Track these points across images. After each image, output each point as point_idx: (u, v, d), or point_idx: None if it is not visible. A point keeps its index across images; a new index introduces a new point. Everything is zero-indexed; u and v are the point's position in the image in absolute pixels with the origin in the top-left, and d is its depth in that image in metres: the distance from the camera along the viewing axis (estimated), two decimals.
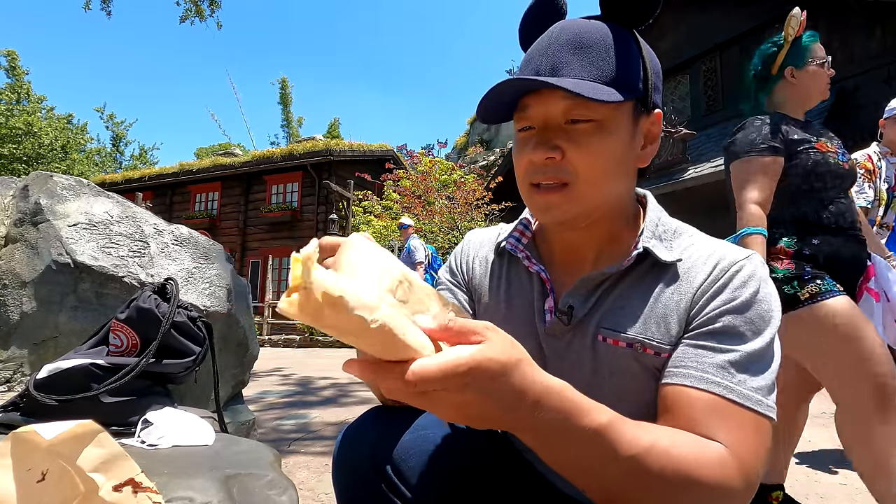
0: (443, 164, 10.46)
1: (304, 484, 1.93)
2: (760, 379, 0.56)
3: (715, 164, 5.74)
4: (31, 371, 1.26)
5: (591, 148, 0.60)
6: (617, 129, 0.61)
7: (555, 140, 0.60)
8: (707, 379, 0.55)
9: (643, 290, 0.63)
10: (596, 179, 0.62)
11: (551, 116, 0.61)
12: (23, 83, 20.00)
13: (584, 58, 0.60)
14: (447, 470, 0.66)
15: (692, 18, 6.83)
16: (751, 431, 0.53)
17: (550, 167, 0.61)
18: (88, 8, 8.11)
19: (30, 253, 1.35)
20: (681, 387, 0.56)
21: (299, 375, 5.25)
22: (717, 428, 0.52)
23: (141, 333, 0.96)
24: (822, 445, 2.54)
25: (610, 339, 0.63)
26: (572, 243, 0.70)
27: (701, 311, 0.60)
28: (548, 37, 0.63)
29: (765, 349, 0.57)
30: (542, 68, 0.61)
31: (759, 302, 0.59)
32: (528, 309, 0.70)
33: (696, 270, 0.62)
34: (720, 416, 0.53)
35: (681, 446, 0.49)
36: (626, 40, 0.62)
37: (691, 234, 0.68)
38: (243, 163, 15.75)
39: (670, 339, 0.60)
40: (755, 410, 0.54)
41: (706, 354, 0.57)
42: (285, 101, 26.06)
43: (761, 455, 0.53)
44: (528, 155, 0.63)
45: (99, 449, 0.45)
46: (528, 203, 0.68)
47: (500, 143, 17.64)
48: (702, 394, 0.55)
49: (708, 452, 0.50)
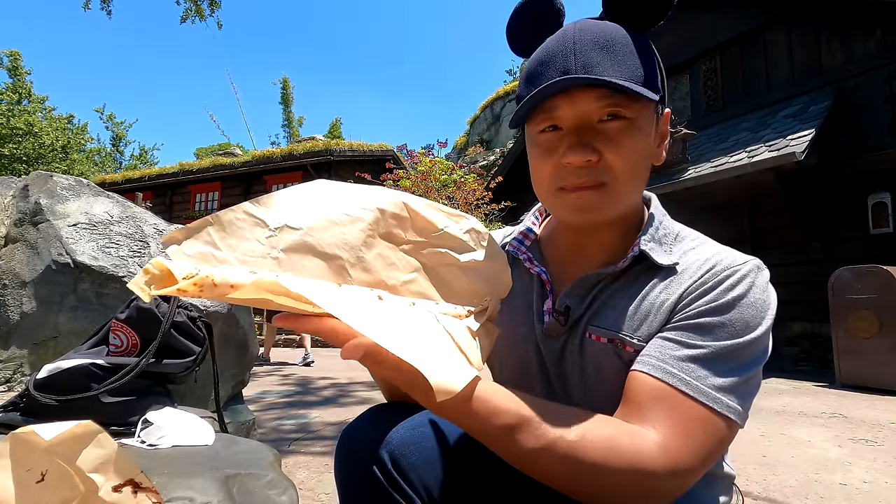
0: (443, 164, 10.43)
1: (304, 484, 1.93)
2: (726, 378, 0.55)
3: (715, 164, 5.73)
4: (31, 371, 1.26)
5: (626, 147, 0.60)
6: (646, 127, 0.61)
7: (591, 142, 0.59)
8: (664, 369, 0.56)
9: (633, 290, 0.63)
10: (630, 179, 0.61)
11: (585, 117, 0.60)
12: (24, 83, 19.99)
13: (613, 57, 0.59)
14: (449, 465, 0.66)
15: (692, 18, 6.82)
16: (696, 426, 0.53)
17: (586, 170, 0.60)
18: (88, 7, 8.11)
19: (30, 253, 1.35)
20: (639, 373, 0.57)
21: (299, 375, 5.24)
22: (658, 417, 0.53)
23: (141, 333, 0.96)
24: (822, 445, 2.54)
25: (594, 336, 0.64)
26: (581, 244, 0.70)
27: (683, 309, 0.60)
28: (565, 37, 0.61)
29: (738, 350, 0.57)
30: (572, 68, 0.58)
31: (744, 306, 0.58)
32: (527, 310, 0.70)
33: (689, 273, 0.62)
34: (665, 406, 0.54)
35: (592, 438, 0.51)
36: (642, 41, 0.62)
37: (694, 239, 0.68)
38: (243, 163, 15.74)
39: (649, 336, 0.60)
40: (709, 407, 0.54)
41: (671, 346, 0.57)
42: (286, 100, 26.01)
43: (701, 452, 0.53)
44: (559, 157, 0.61)
45: (98, 449, 0.45)
46: (556, 206, 0.65)
47: (500, 143, 17.63)
48: (655, 381, 0.55)
49: (631, 438, 0.52)
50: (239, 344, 1.61)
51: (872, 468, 2.18)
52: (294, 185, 0.52)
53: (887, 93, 5.29)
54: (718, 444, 0.54)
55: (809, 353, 5.81)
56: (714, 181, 5.61)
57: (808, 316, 5.72)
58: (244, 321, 1.63)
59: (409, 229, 0.54)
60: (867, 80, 5.47)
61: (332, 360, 6.81)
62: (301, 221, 0.49)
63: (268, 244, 0.48)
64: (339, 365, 6.10)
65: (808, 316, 5.72)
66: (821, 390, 4.25)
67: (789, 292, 5.56)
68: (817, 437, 2.69)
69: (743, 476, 2.07)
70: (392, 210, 0.54)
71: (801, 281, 5.67)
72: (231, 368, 1.58)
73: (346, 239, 0.50)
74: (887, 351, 4.07)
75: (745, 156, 5.46)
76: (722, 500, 0.68)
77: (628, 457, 0.51)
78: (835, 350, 4.46)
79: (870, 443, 2.58)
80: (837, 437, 2.70)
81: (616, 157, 0.59)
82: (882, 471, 2.15)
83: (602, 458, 0.50)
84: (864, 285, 4.27)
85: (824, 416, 3.19)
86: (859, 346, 4.26)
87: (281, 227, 0.48)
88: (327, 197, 0.52)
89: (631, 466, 0.50)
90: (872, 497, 1.87)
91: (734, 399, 0.55)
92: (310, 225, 0.50)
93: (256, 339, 1.75)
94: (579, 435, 0.51)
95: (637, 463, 0.50)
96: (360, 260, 0.51)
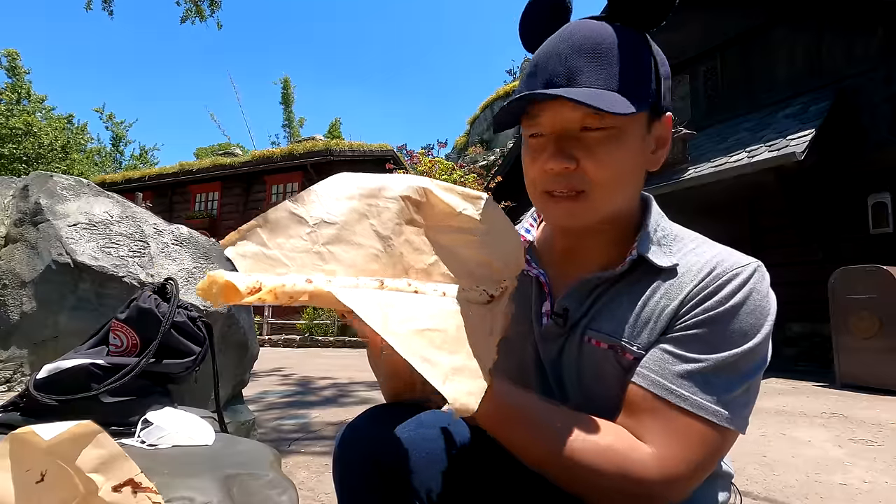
0: (443, 165, 10.43)
1: (304, 484, 1.93)
2: (725, 391, 0.56)
3: (715, 164, 5.73)
4: (31, 371, 1.26)
5: (606, 157, 0.60)
6: (630, 136, 0.61)
7: (570, 150, 0.60)
8: (662, 385, 0.57)
9: (634, 294, 0.63)
10: (610, 187, 0.61)
11: (565, 125, 0.60)
12: (23, 83, 20.00)
13: (599, 65, 0.58)
14: (449, 466, 0.66)
15: (692, 18, 6.82)
16: (693, 440, 0.55)
17: (565, 176, 0.61)
18: (90, 8, 8.10)
19: (30, 253, 1.35)
20: (637, 387, 0.58)
21: (299, 375, 5.24)
22: (656, 431, 0.55)
23: (141, 333, 0.96)
24: (822, 445, 2.54)
25: (594, 341, 0.64)
26: (576, 247, 0.70)
27: (683, 316, 0.60)
28: (559, 41, 0.61)
29: (737, 360, 0.57)
30: (556, 77, 0.59)
31: (743, 314, 0.58)
32: (525, 312, 0.70)
33: (690, 277, 0.61)
34: (662, 421, 0.56)
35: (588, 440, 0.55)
36: (639, 44, 0.61)
37: (693, 240, 0.67)
38: (243, 163, 15.74)
39: (650, 344, 0.60)
40: (707, 420, 0.55)
41: (670, 361, 0.58)
42: (287, 100, 26.02)
43: (692, 464, 0.55)
44: (542, 163, 0.62)
45: (98, 449, 0.45)
46: (542, 209, 0.67)
47: (500, 143, 17.62)
48: (653, 397, 0.57)
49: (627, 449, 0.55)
50: (239, 344, 1.61)
51: (872, 468, 2.18)
52: (321, 181, 0.58)
53: (887, 93, 5.29)
54: (715, 455, 0.56)
55: (809, 353, 5.82)
56: (714, 181, 5.61)
57: (808, 316, 5.72)
58: (244, 321, 1.63)
59: (430, 215, 0.59)
60: (867, 80, 5.47)
61: (332, 360, 6.81)
62: (335, 216, 0.55)
63: (309, 240, 0.53)
64: (339, 365, 6.10)
65: (808, 316, 5.72)
66: (821, 390, 4.25)
67: (789, 292, 5.56)
68: (817, 437, 2.69)
69: (743, 476, 2.07)
70: (414, 197, 0.59)
71: (800, 281, 5.67)
72: (231, 368, 1.58)
73: (377, 229, 0.56)
74: (887, 351, 4.07)
75: (745, 156, 5.46)
76: (721, 497, 0.68)
77: (621, 464, 0.54)
78: (835, 350, 4.47)
79: (870, 443, 2.58)
80: (837, 437, 2.70)
81: (594, 166, 0.60)
82: (882, 471, 2.15)
83: (598, 462, 0.54)
84: (864, 285, 4.27)
85: (824, 416, 3.19)
86: (859, 346, 4.26)
87: (318, 223, 0.54)
88: (354, 189, 0.58)
89: (621, 473, 0.54)
90: (872, 497, 1.87)
91: (734, 409, 0.56)
92: (343, 220, 0.55)
93: (256, 339, 1.75)
94: (581, 438, 0.54)
95: (631, 472, 0.54)
96: (391, 247, 0.56)
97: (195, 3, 8.46)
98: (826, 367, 5.28)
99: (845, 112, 5.51)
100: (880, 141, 5.26)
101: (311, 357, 7.55)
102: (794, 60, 6.19)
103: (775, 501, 1.84)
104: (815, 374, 5.17)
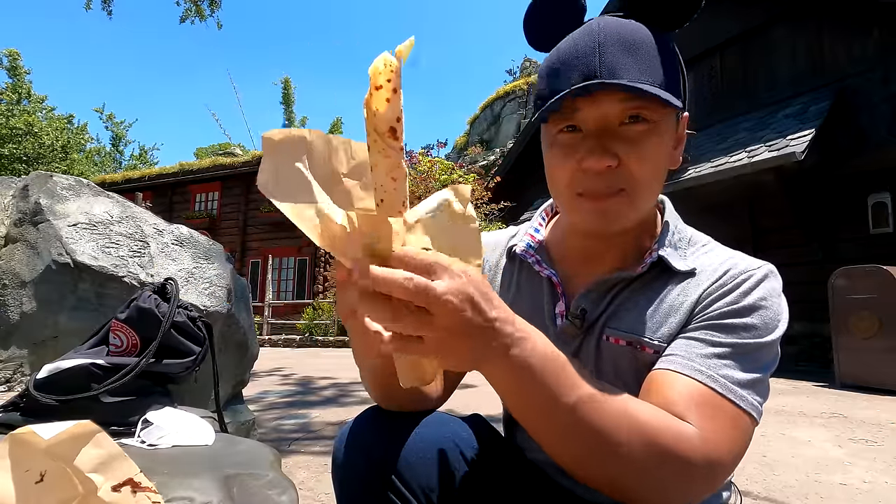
0: (443, 164, 10.44)
1: (304, 484, 1.93)
2: (747, 375, 0.55)
3: (715, 163, 5.73)
4: (31, 371, 1.26)
5: (648, 152, 0.59)
6: (666, 132, 0.60)
7: (612, 146, 0.57)
8: (692, 366, 0.55)
9: (652, 293, 0.63)
10: (650, 184, 0.60)
11: (607, 120, 0.58)
12: (24, 83, 20.01)
13: (639, 60, 0.57)
14: (449, 470, 0.66)
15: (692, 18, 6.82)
16: (727, 422, 0.53)
17: (605, 174, 0.58)
18: (89, 7, 8.11)
19: (30, 253, 1.35)
20: (666, 370, 0.56)
21: (299, 375, 5.24)
22: (692, 412, 0.52)
23: (141, 333, 0.96)
24: (822, 445, 2.54)
25: (612, 338, 0.63)
26: (594, 249, 0.69)
27: (703, 310, 0.60)
28: (588, 38, 0.59)
29: (758, 350, 0.57)
30: (596, 71, 0.56)
31: (763, 308, 0.58)
32: (538, 313, 0.70)
33: (706, 276, 0.62)
34: (697, 402, 0.53)
35: (646, 411, 0.50)
36: (666, 42, 0.60)
37: (706, 244, 0.68)
38: (243, 162, 15.75)
39: (670, 337, 0.60)
40: (736, 404, 0.54)
41: (696, 345, 0.57)
42: (288, 100, 26.01)
43: (733, 447, 0.52)
44: (578, 161, 0.59)
45: (97, 449, 0.45)
46: (572, 211, 0.64)
47: (500, 143, 17.62)
48: (684, 378, 0.55)
49: (673, 424, 0.50)
50: (239, 344, 1.61)
51: (872, 468, 2.18)
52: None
53: (887, 93, 5.29)
54: (746, 440, 0.54)
55: (809, 353, 5.81)
56: (714, 181, 5.61)
57: (808, 316, 5.72)
58: (244, 321, 1.63)
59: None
60: (867, 80, 5.47)
61: (332, 360, 6.81)
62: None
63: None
64: (339, 365, 6.10)
65: (808, 316, 5.72)
66: (821, 390, 4.25)
67: (789, 292, 5.48)
68: (817, 437, 2.69)
69: (743, 476, 2.07)
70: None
71: (801, 281, 5.67)
72: (231, 368, 1.58)
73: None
74: (887, 351, 4.07)
75: (745, 156, 5.46)
76: (724, 495, 0.68)
77: (672, 443, 0.49)
78: (835, 350, 4.47)
79: (870, 443, 2.58)
80: (837, 437, 2.70)
81: (637, 163, 0.58)
82: (882, 471, 2.15)
83: (643, 427, 0.49)
84: (864, 285, 4.27)
85: (824, 416, 3.19)
86: (859, 346, 4.26)
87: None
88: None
89: (673, 452, 0.49)
90: (872, 497, 1.87)
91: (756, 396, 0.55)
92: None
93: (256, 339, 1.75)
94: (619, 399, 0.49)
95: (679, 451, 0.49)
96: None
97: (195, 3, 8.46)
98: (826, 366, 5.28)
99: (845, 112, 5.51)
100: (880, 141, 5.25)
101: (311, 357, 7.55)
102: (795, 60, 6.19)
103: (775, 501, 1.84)
104: (814, 374, 5.17)
